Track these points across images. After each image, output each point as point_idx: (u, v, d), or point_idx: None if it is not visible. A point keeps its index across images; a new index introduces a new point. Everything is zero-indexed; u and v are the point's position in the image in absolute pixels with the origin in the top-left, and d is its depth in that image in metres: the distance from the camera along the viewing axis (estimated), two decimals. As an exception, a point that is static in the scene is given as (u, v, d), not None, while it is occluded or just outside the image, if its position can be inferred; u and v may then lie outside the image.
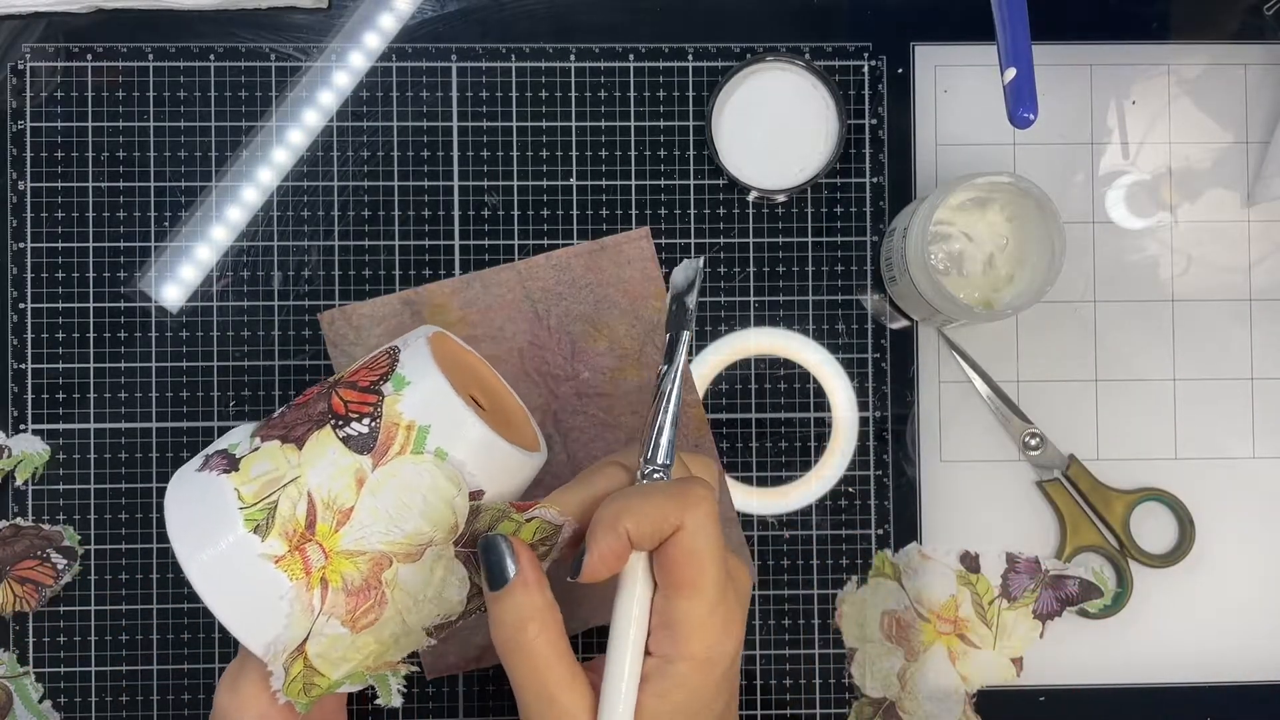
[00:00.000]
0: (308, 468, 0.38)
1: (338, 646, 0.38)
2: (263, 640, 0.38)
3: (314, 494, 0.38)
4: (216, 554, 0.38)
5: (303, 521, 0.38)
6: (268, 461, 0.39)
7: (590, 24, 0.56)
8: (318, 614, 0.38)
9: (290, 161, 0.56)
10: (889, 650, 0.55)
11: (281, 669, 0.38)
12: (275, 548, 0.38)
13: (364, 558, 0.38)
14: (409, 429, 0.38)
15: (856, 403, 0.56)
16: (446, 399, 0.39)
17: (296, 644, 0.38)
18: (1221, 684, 0.56)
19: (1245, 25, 0.57)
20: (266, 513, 0.38)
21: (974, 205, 0.52)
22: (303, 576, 0.37)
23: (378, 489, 0.38)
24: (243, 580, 0.38)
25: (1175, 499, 0.55)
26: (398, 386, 0.39)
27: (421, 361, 0.40)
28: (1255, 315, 0.57)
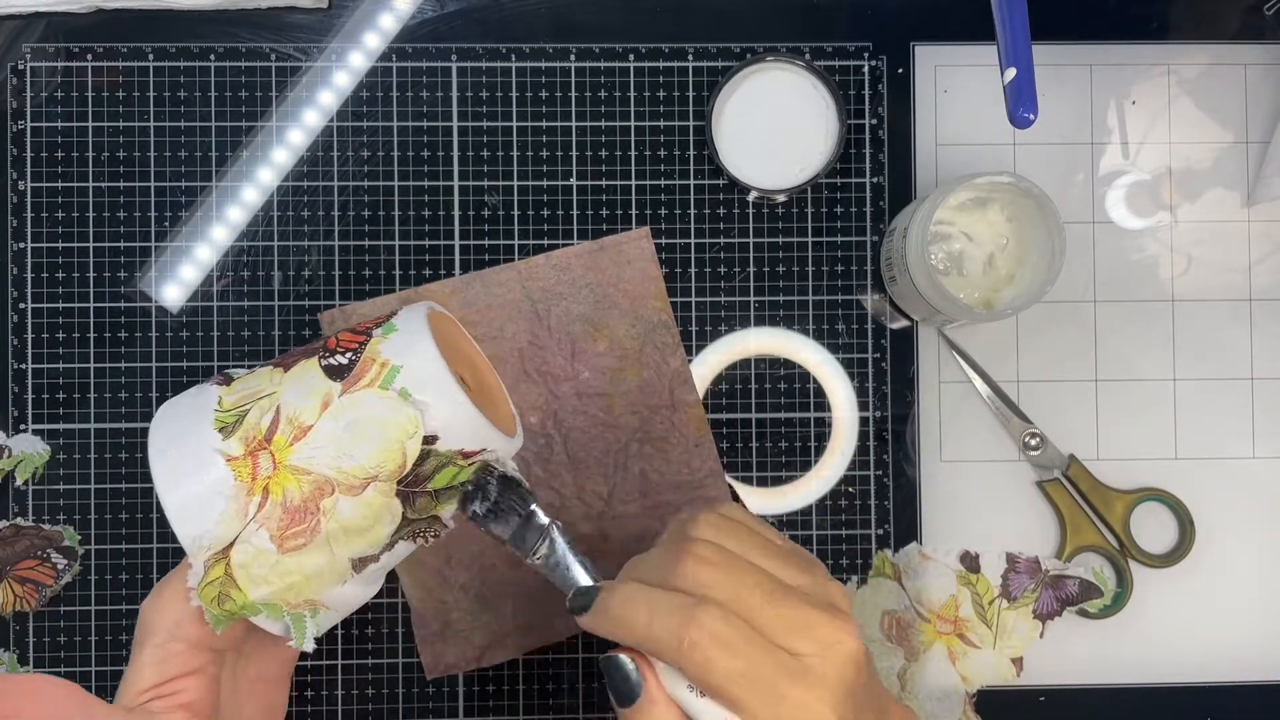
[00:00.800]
0: (285, 387, 0.40)
1: (261, 562, 0.39)
2: (192, 531, 0.39)
3: (282, 408, 0.40)
4: (180, 446, 0.40)
5: (264, 430, 0.39)
6: (255, 380, 0.41)
7: (590, 24, 0.56)
8: (250, 519, 0.38)
9: (290, 161, 0.56)
10: (889, 650, 0.55)
11: (202, 565, 0.38)
12: (232, 448, 0.39)
13: (309, 478, 0.39)
14: (382, 366, 0.40)
15: (856, 403, 0.56)
16: (424, 347, 0.40)
17: (222, 545, 0.39)
18: (1221, 684, 0.56)
19: (1245, 25, 0.57)
20: (237, 418, 0.40)
21: (974, 205, 0.52)
22: (248, 480, 0.39)
23: (339, 414, 0.39)
24: (193, 472, 0.39)
25: (1175, 499, 0.55)
26: (386, 332, 0.41)
27: (414, 317, 0.42)
28: (1255, 315, 0.57)
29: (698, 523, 0.39)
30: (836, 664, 0.35)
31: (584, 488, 0.54)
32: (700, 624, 0.35)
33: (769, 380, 0.56)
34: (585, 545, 0.54)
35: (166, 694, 0.39)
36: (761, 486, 0.55)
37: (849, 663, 0.36)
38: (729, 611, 0.35)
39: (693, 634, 0.35)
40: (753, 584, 0.36)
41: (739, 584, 0.36)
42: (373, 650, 0.55)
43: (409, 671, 0.55)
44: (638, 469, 0.54)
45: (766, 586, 0.36)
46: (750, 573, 0.37)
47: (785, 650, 0.35)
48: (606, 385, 0.55)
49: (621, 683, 0.37)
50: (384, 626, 0.55)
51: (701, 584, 0.36)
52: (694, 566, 0.36)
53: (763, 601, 0.36)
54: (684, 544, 0.37)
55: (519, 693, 0.55)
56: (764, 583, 0.36)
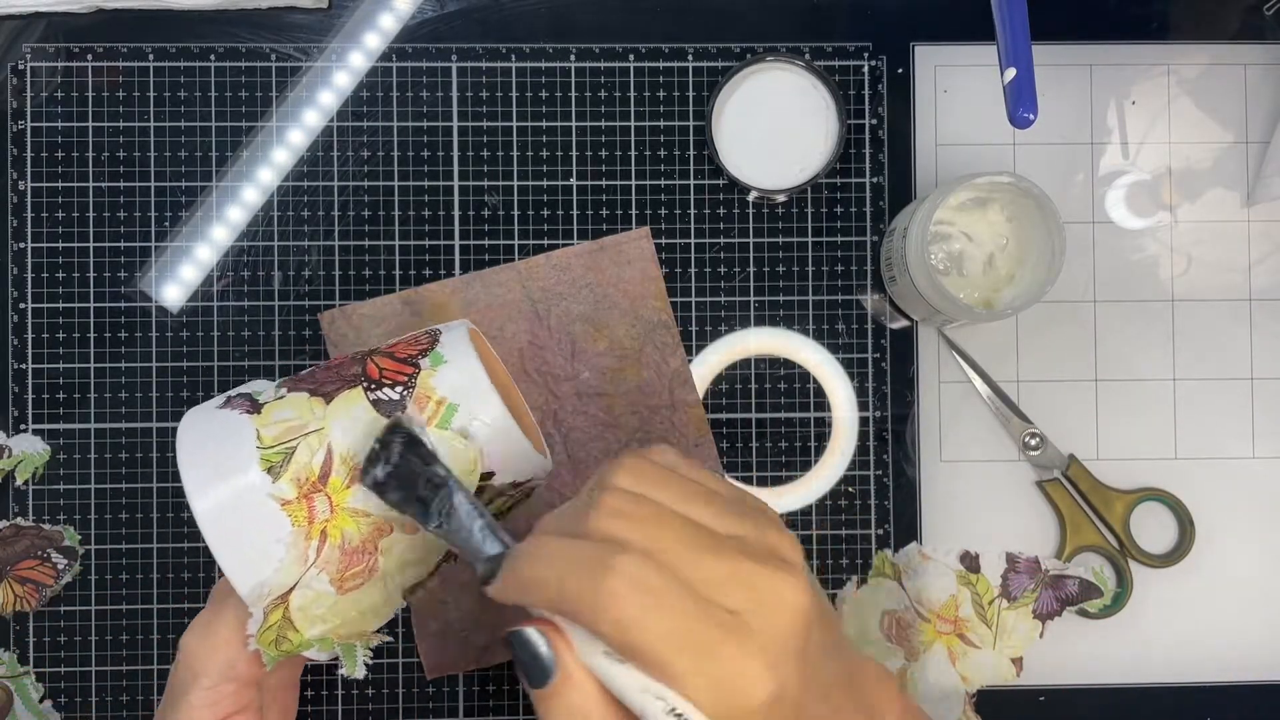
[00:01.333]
0: (332, 421, 0.38)
1: (320, 604, 0.38)
2: (252, 580, 0.37)
3: (334, 447, 0.38)
4: (226, 488, 0.38)
5: (317, 471, 0.38)
6: (292, 410, 0.39)
7: (590, 24, 0.56)
8: (310, 565, 0.37)
9: (290, 161, 0.56)
10: (889, 650, 0.55)
11: (261, 613, 0.37)
12: (285, 491, 0.37)
13: (367, 520, 0.38)
14: (439, 404, 0.39)
15: (856, 403, 0.56)
16: (479, 383, 0.39)
17: (282, 592, 0.38)
18: (1221, 684, 0.56)
19: (1245, 25, 0.57)
20: (283, 456, 0.38)
21: (974, 205, 0.52)
22: (305, 524, 0.37)
23: None
24: (246, 518, 0.37)
25: (1175, 499, 0.55)
26: (435, 363, 0.40)
27: (461, 346, 0.40)
28: (1255, 315, 0.57)
29: (617, 469, 0.34)
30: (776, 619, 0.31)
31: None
32: (617, 574, 0.30)
33: (769, 380, 0.56)
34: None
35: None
36: (761, 486, 0.55)
37: (793, 618, 0.31)
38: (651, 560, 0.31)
39: (609, 585, 0.30)
40: (675, 535, 0.31)
41: (660, 535, 0.31)
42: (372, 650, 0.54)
43: (409, 671, 0.55)
44: (638, 469, 0.54)
45: (693, 536, 0.32)
46: (674, 522, 0.32)
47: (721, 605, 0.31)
48: (606, 385, 0.55)
49: (531, 660, 0.32)
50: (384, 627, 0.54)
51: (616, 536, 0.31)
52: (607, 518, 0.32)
53: (688, 552, 0.31)
54: (598, 493, 0.33)
55: (519, 693, 0.55)
56: (690, 533, 0.32)
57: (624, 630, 0.30)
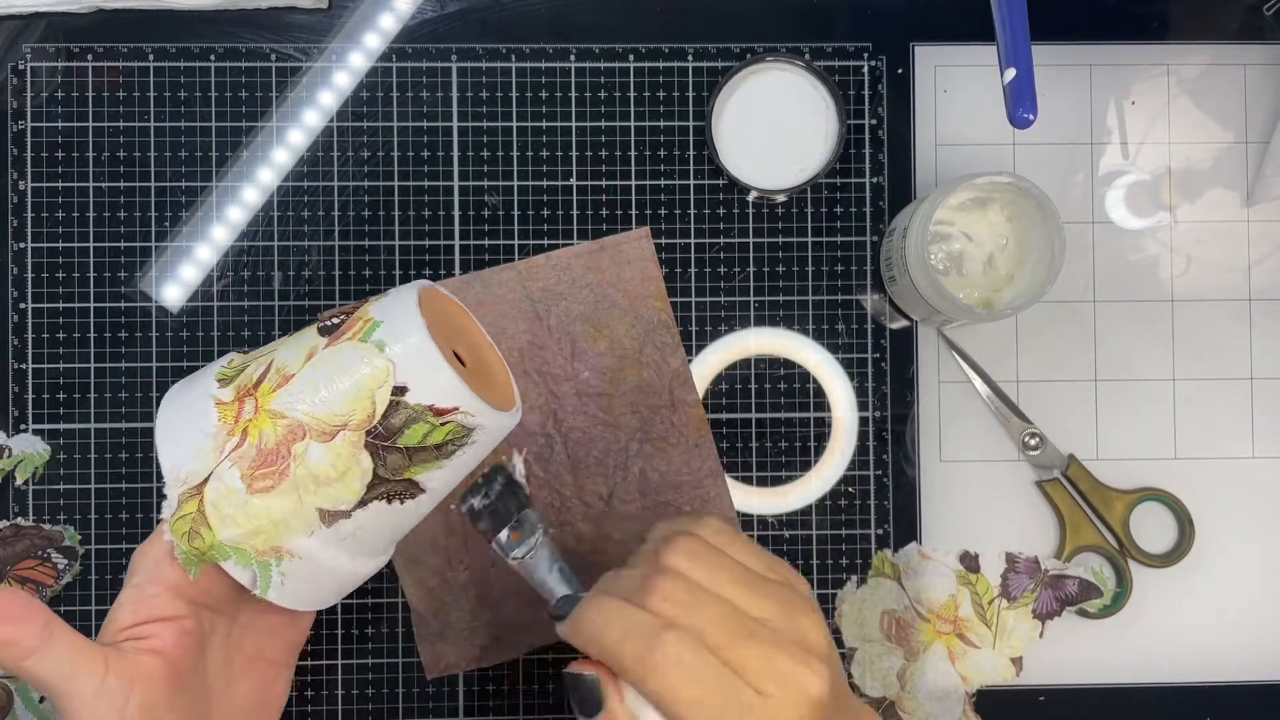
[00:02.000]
0: (283, 345, 0.43)
1: (230, 501, 0.40)
2: (171, 461, 0.41)
3: (274, 362, 0.42)
4: (183, 393, 0.43)
5: (254, 379, 0.42)
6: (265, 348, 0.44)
7: (590, 24, 0.56)
8: (225, 455, 0.40)
9: (290, 161, 0.56)
10: (889, 650, 0.55)
11: (176, 498, 0.40)
12: (224, 395, 0.42)
13: (283, 421, 0.40)
14: (366, 322, 0.42)
15: (856, 403, 0.56)
16: (404, 305, 0.42)
17: (198, 480, 0.40)
18: (1221, 684, 0.56)
19: (1245, 25, 0.57)
20: (237, 371, 0.43)
21: (974, 205, 0.52)
22: (230, 421, 0.41)
23: (319, 364, 0.41)
24: (186, 414, 0.42)
25: (1175, 499, 0.55)
26: (377, 298, 0.43)
27: (408, 289, 0.43)
28: (1255, 315, 0.57)
29: (673, 549, 0.39)
30: (795, 708, 0.37)
31: (584, 488, 0.54)
32: (665, 649, 0.36)
33: (769, 380, 0.56)
34: (587, 546, 0.54)
35: (140, 636, 0.39)
36: (761, 486, 0.55)
37: (810, 709, 0.37)
38: (695, 641, 0.37)
39: (657, 657, 0.36)
40: (719, 619, 0.37)
41: (705, 618, 0.37)
42: (373, 650, 0.55)
43: (409, 671, 0.55)
44: (638, 469, 0.54)
45: (732, 622, 0.37)
46: (717, 607, 0.38)
47: (750, 686, 0.37)
48: (606, 385, 0.55)
49: (585, 696, 0.39)
50: (384, 626, 0.55)
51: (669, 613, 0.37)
52: (661, 601, 0.38)
53: (727, 637, 0.37)
54: (656, 573, 0.39)
55: (519, 693, 0.55)
56: (730, 618, 0.38)
57: (663, 695, 0.36)
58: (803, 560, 0.55)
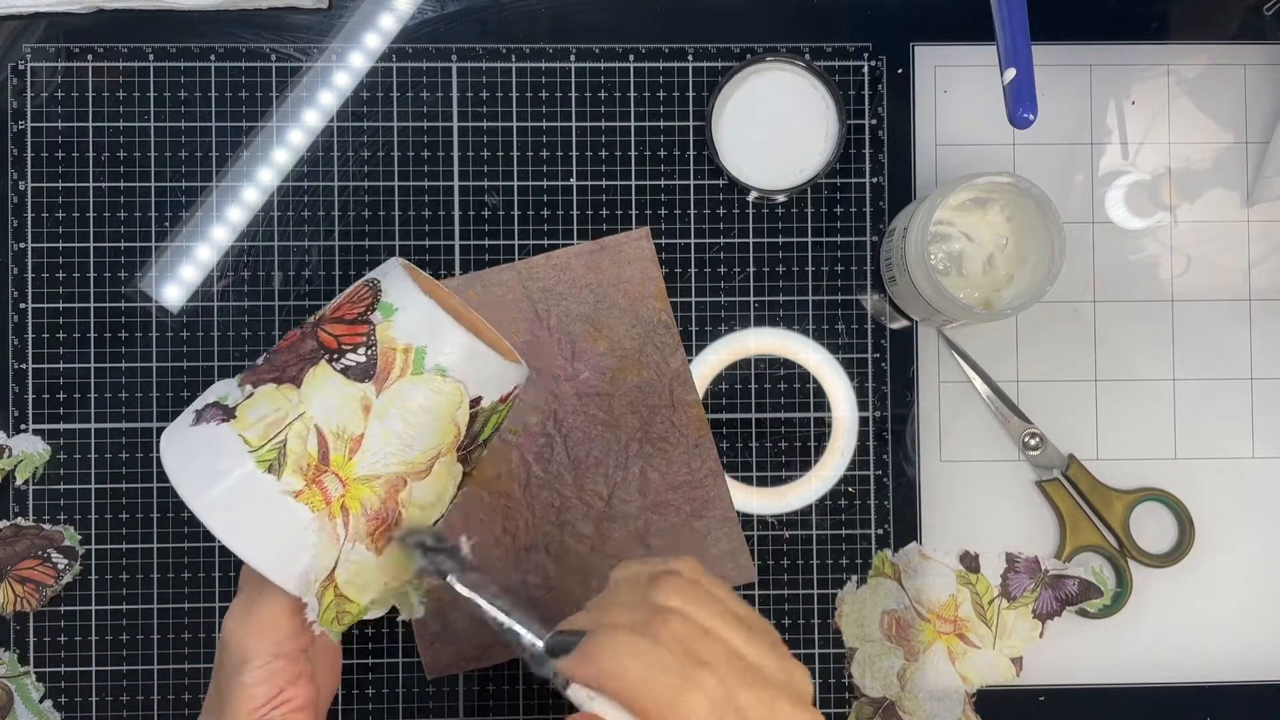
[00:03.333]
0: (309, 403, 0.39)
1: (364, 572, 0.39)
2: (294, 574, 0.38)
3: (321, 427, 0.39)
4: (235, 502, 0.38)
5: (315, 455, 0.39)
6: (266, 404, 0.40)
7: (590, 24, 0.56)
8: (344, 541, 0.39)
9: (290, 161, 0.56)
10: (889, 650, 0.55)
11: (315, 600, 0.39)
12: (292, 484, 0.38)
13: (379, 481, 0.39)
14: (406, 352, 0.39)
15: (856, 403, 0.56)
16: (436, 318, 0.40)
17: (326, 573, 0.39)
18: (1221, 684, 0.56)
19: (1245, 25, 0.57)
20: (277, 451, 0.39)
21: (974, 205, 0.52)
22: (323, 507, 0.38)
23: (384, 413, 0.39)
24: (266, 521, 0.38)
25: (1175, 499, 0.55)
26: (386, 314, 0.40)
27: (405, 286, 0.41)
28: (1255, 315, 0.57)
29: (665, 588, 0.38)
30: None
31: (584, 488, 0.54)
32: (702, 689, 0.35)
33: (769, 380, 0.56)
34: (587, 545, 0.54)
35: (280, 704, 0.41)
36: (761, 486, 0.55)
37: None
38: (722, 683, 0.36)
39: (691, 698, 0.35)
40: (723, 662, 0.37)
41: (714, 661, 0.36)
42: (373, 650, 0.55)
43: (409, 671, 0.55)
44: (638, 469, 0.54)
45: (735, 665, 0.37)
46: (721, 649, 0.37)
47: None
48: (606, 385, 0.55)
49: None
50: (384, 626, 0.55)
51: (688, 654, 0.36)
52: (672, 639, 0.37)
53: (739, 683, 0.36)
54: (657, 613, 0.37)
55: (519, 692, 0.55)
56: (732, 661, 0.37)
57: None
58: (803, 560, 0.55)
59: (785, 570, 0.55)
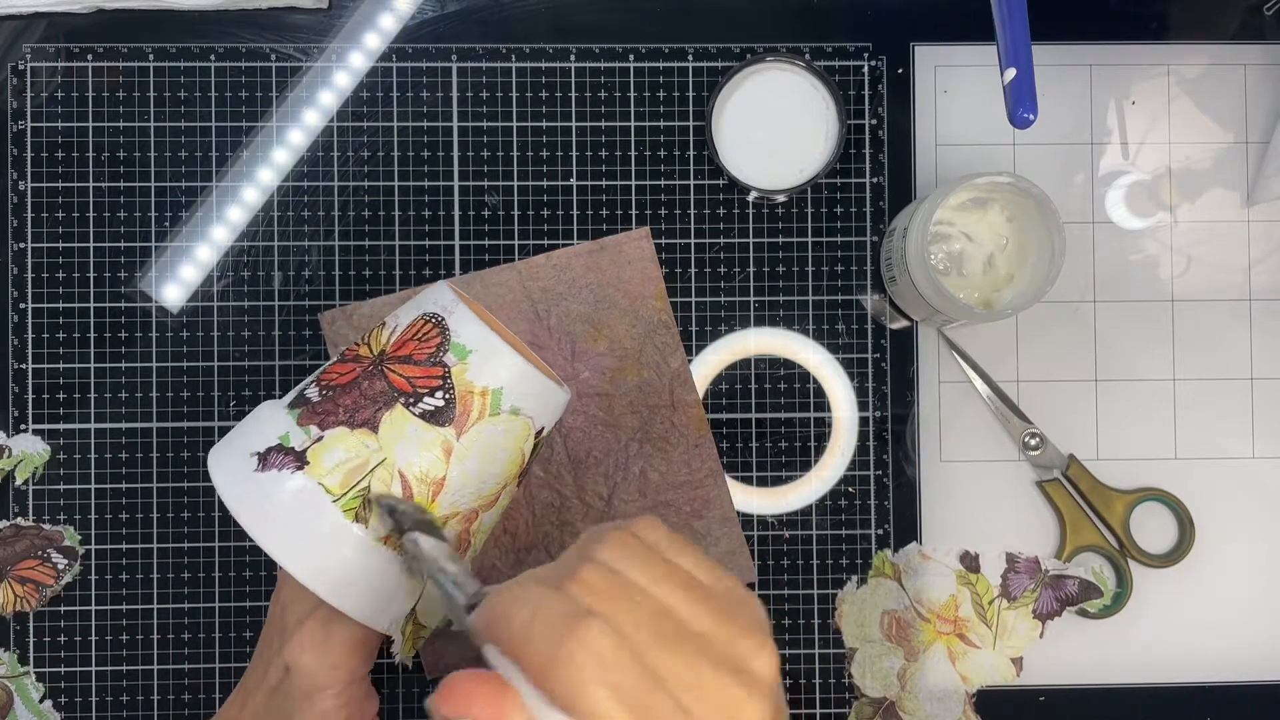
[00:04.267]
0: (391, 448, 0.39)
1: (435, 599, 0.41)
2: (389, 616, 0.40)
3: (404, 472, 0.39)
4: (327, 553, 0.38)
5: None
6: (341, 449, 0.39)
7: (590, 24, 0.56)
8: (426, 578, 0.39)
9: (290, 161, 0.56)
10: (889, 650, 0.55)
11: (400, 634, 0.40)
12: (379, 530, 0.39)
13: (458, 518, 0.40)
14: (484, 395, 0.40)
15: (856, 403, 0.56)
16: (512, 361, 0.41)
17: (409, 609, 0.40)
18: (1221, 684, 0.56)
19: (1245, 25, 0.57)
20: (359, 499, 0.38)
21: (974, 205, 0.52)
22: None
23: (465, 456, 0.40)
24: (358, 569, 0.38)
25: (1175, 499, 0.55)
26: (460, 356, 0.40)
27: (475, 327, 0.41)
28: (1255, 315, 0.57)
29: (603, 541, 0.34)
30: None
31: (584, 488, 0.54)
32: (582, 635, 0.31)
33: (769, 380, 0.56)
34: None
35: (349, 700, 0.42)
36: (761, 486, 0.55)
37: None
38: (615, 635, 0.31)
39: (572, 644, 0.31)
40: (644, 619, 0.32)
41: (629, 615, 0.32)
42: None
43: (409, 671, 0.55)
44: (638, 469, 0.54)
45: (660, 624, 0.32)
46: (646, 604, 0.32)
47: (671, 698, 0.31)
48: (606, 385, 0.55)
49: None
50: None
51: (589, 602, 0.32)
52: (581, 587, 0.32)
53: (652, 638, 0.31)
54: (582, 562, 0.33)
55: (519, 693, 0.55)
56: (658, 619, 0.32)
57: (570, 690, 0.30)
58: (803, 560, 0.55)
59: (785, 570, 0.55)
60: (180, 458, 0.55)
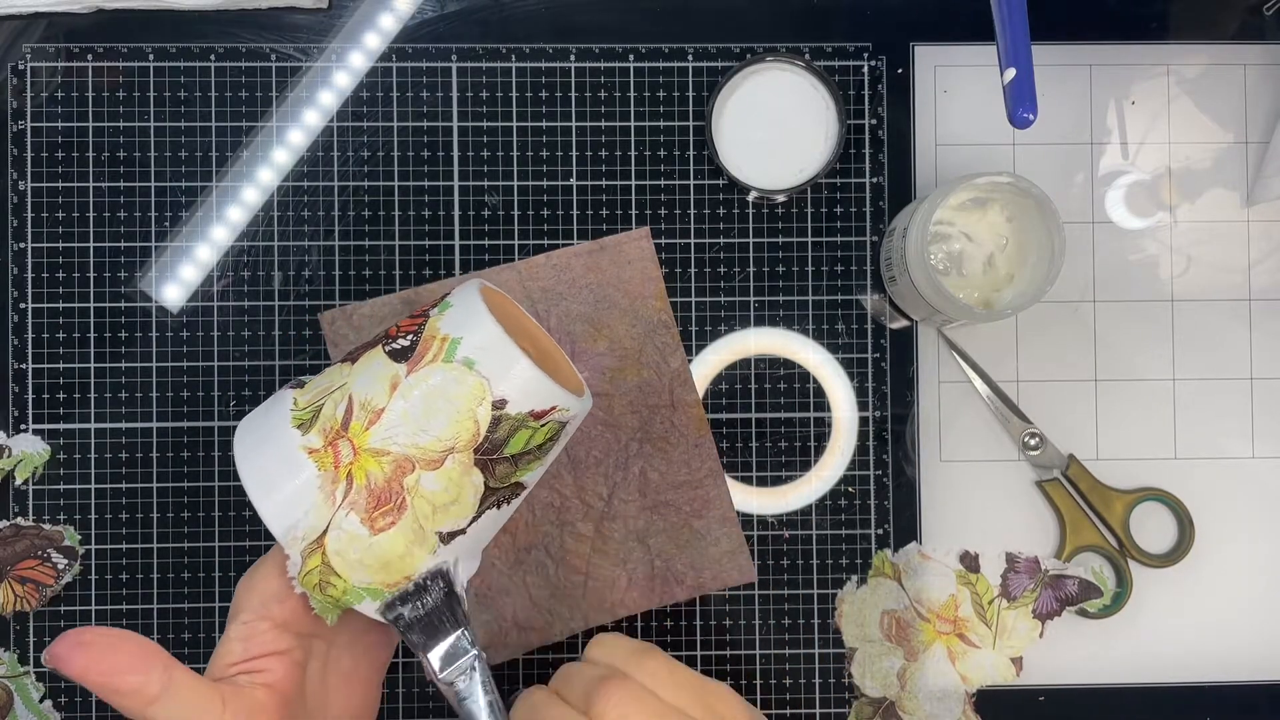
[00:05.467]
0: (355, 377, 0.41)
1: (355, 546, 0.40)
2: (284, 523, 0.40)
3: (354, 396, 0.41)
4: (263, 446, 0.41)
5: (340, 420, 0.40)
6: (325, 378, 0.43)
7: (590, 24, 0.56)
8: (339, 505, 0.39)
9: (290, 161, 0.56)
10: (889, 650, 0.55)
11: (299, 556, 0.40)
12: (313, 441, 0.40)
13: (388, 458, 0.40)
14: (443, 340, 0.41)
15: (856, 403, 0.56)
16: (480, 316, 0.41)
17: (316, 534, 0.40)
18: (1221, 684, 0.56)
19: (1245, 25, 0.57)
20: (312, 413, 0.41)
21: (974, 205, 0.52)
22: (331, 469, 0.40)
23: (408, 392, 0.40)
24: (279, 469, 0.40)
25: (1175, 499, 0.55)
26: (441, 310, 0.42)
27: (467, 292, 0.43)
28: (1255, 315, 0.57)
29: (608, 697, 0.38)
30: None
31: (584, 488, 0.54)
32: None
33: (769, 380, 0.56)
34: (587, 545, 0.54)
35: (251, 670, 0.40)
36: (761, 486, 0.55)
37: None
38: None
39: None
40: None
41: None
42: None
43: (409, 671, 0.55)
44: (638, 469, 0.54)
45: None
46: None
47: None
48: (606, 385, 0.55)
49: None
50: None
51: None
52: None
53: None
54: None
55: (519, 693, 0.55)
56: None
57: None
58: (803, 560, 0.55)
59: (785, 570, 0.55)
60: (180, 458, 0.55)
